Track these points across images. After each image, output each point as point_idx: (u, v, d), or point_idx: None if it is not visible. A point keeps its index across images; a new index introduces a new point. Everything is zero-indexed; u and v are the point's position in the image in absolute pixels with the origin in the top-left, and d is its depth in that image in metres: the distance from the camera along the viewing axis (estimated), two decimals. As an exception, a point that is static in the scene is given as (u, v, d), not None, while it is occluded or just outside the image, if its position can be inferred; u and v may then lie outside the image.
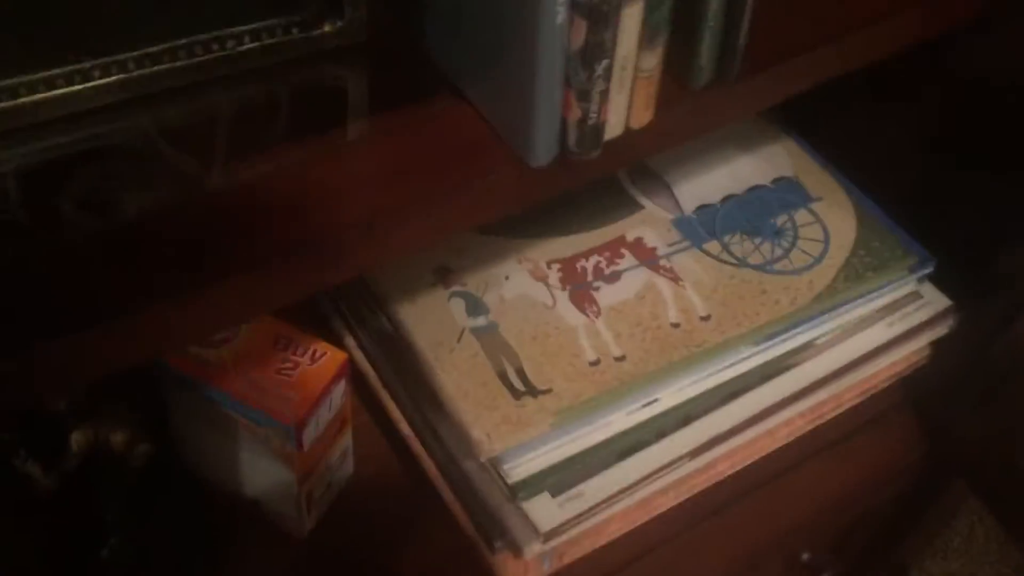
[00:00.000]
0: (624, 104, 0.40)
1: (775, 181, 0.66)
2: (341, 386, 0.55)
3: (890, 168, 0.67)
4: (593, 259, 0.61)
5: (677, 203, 0.65)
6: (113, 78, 0.38)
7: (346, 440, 0.60)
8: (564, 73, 0.37)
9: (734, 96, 0.45)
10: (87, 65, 0.38)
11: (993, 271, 0.64)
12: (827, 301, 0.60)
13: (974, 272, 0.65)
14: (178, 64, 0.39)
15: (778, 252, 0.62)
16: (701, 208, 0.64)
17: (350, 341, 0.62)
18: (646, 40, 0.38)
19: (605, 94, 0.38)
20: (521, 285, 0.59)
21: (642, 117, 0.41)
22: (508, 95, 0.38)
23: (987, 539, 1.07)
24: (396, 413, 0.60)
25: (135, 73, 0.39)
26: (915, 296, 0.65)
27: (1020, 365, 0.66)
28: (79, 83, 0.38)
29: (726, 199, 0.65)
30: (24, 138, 0.38)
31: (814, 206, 0.65)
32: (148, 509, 0.57)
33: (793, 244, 0.63)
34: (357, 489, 0.63)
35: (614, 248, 0.62)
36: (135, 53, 0.38)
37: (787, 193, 0.66)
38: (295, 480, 0.56)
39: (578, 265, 0.60)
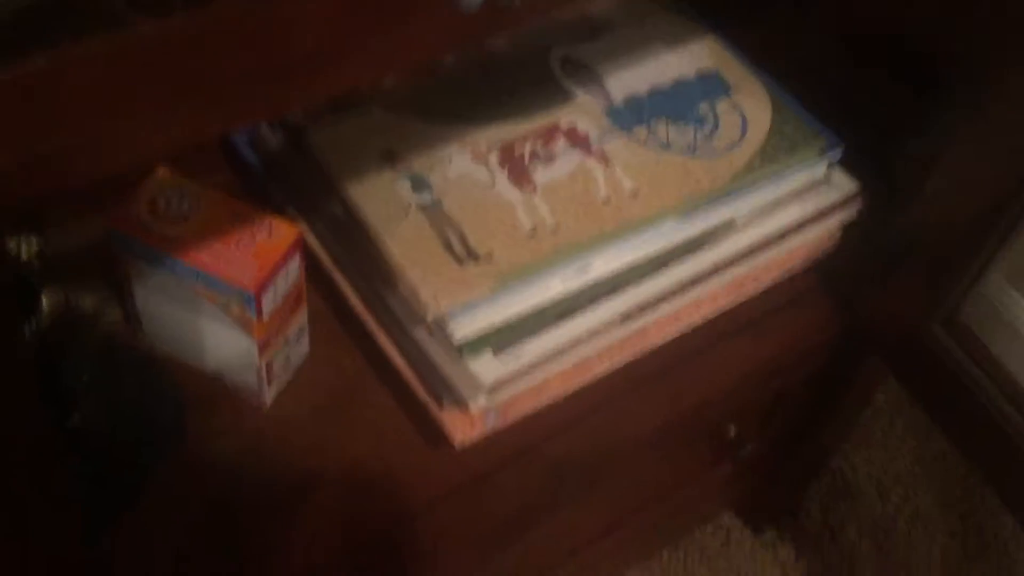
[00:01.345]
0: None
1: (697, 73, 0.71)
2: (296, 260, 0.59)
3: (802, 62, 0.72)
4: (529, 143, 0.66)
5: (607, 94, 0.69)
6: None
7: (302, 317, 0.64)
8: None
9: None
10: None
11: (895, 157, 0.70)
12: (744, 179, 0.66)
13: (880, 158, 0.71)
14: None
15: (700, 137, 0.68)
16: (629, 98, 0.69)
17: (303, 227, 0.66)
18: None
19: None
20: (463, 166, 0.64)
21: None
22: None
23: (905, 431, 1.15)
24: (347, 290, 0.65)
25: None
26: (825, 180, 0.71)
27: (916, 243, 0.72)
28: None
29: (652, 90, 0.70)
30: None
31: (733, 96, 0.70)
32: (116, 378, 0.60)
33: (714, 130, 0.68)
34: (313, 367, 0.68)
35: (549, 134, 0.66)
36: None
37: (708, 85, 0.71)
38: (256, 348, 0.59)
39: (516, 149, 0.65)
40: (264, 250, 0.57)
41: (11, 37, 0.30)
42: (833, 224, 0.72)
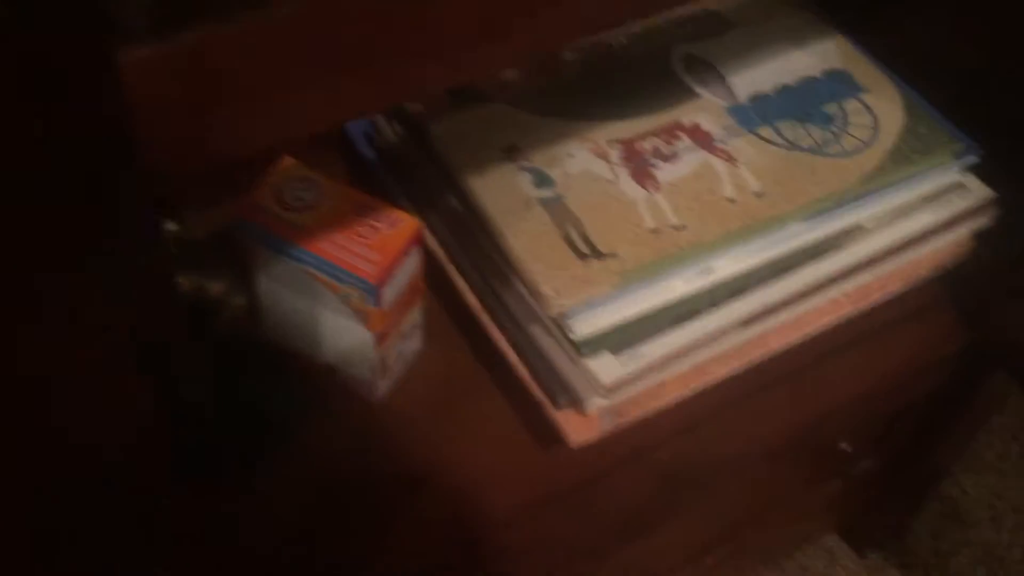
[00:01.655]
0: None
1: (825, 72, 0.69)
2: (416, 252, 0.59)
3: (937, 62, 0.70)
4: (651, 140, 0.64)
5: (731, 92, 0.68)
6: None
7: (417, 311, 0.64)
8: None
9: None
10: None
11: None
12: (874, 182, 0.63)
13: (1017, 164, 0.68)
14: None
15: (828, 137, 0.65)
16: (755, 97, 0.67)
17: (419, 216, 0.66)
18: None
19: None
20: (584, 162, 0.63)
21: None
22: None
23: (1020, 456, 1.10)
24: (462, 285, 0.64)
25: None
26: (959, 186, 0.68)
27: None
28: None
29: (778, 89, 0.68)
30: None
31: (863, 96, 0.68)
32: (238, 363, 0.61)
33: (843, 130, 0.66)
34: (426, 362, 0.67)
35: (671, 131, 0.65)
36: None
37: (837, 84, 0.68)
38: (372, 340, 0.59)
39: (637, 145, 0.64)
40: (385, 241, 0.57)
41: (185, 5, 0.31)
42: (965, 232, 0.69)
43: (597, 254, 0.58)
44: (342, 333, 0.60)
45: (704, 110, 0.66)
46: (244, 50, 0.32)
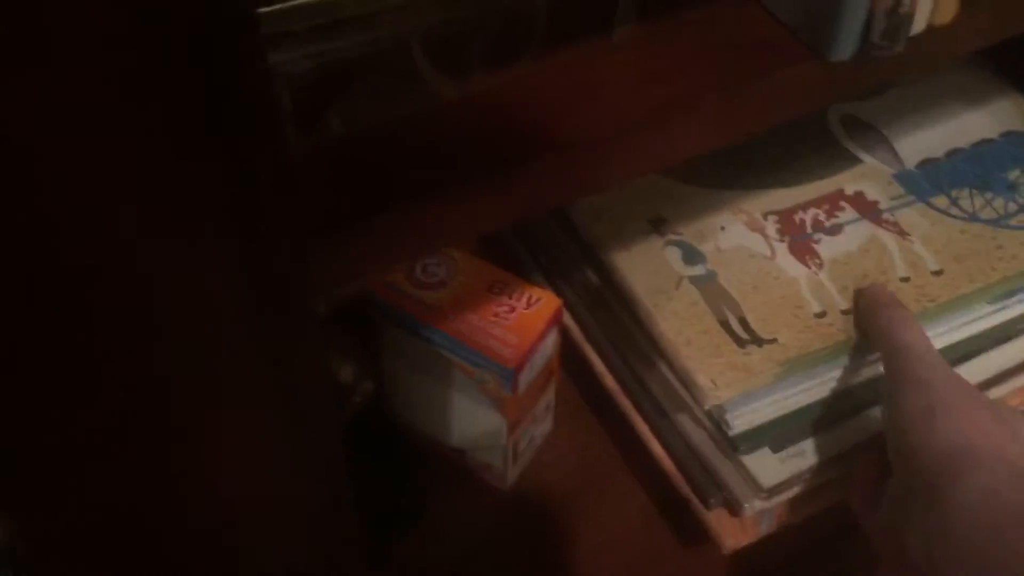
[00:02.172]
0: None
1: (1003, 135, 0.63)
2: (554, 332, 0.55)
3: None
4: (811, 211, 0.59)
5: (897, 157, 0.62)
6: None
7: (551, 392, 0.59)
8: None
9: None
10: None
11: None
12: (1070, 258, 0.56)
13: None
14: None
15: (1012, 207, 0.59)
16: (924, 162, 0.61)
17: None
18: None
19: None
20: (737, 236, 0.57)
21: (947, 12, 0.38)
22: None
23: None
24: (599, 365, 0.59)
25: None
26: None
27: None
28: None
29: (951, 153, 0.62)
30: (298, 42, 0.37)
31: (1049, 161, 0.61)
32: (364, 450, 0.57)
33: (1029, 199, 0.59)
34: (556, 445, 0.63)
35: (833, 201, 0.59)
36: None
37: (1018, 147, 0.62)
38: (505, 427, 0.55)
39: (796, 217, 0.58)
40: (524, 322, 0.53)
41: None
42: None
43: (757, 340, 0.53)
44: (474, 418, 0.56)
45: (868, 177, 0.60)
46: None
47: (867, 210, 0.59)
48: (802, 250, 0.57)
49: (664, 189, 0.60)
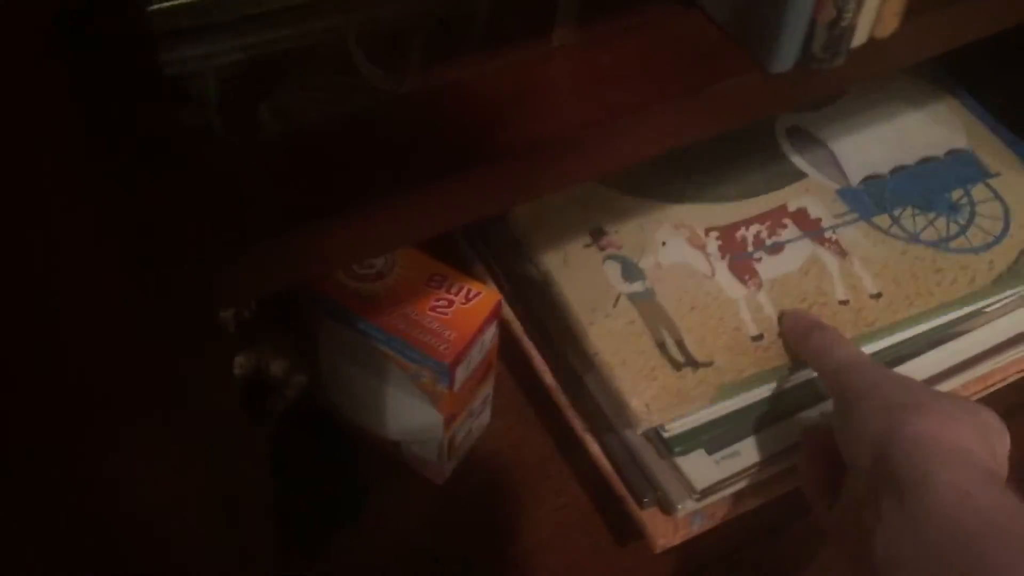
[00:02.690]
0: (875, 8, 0.37)
1: (948, 153, 0.63)
2: (493, 328, 0.54)
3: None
4: (753, 228, 0.58)
5: (843, 173, 0.61)
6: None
7: (489, 385, 0.59)
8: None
9: (984, 9, 0.41)
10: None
11: None
12: (1008, 283, 0.57)
13: None
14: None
15: (954, 229, 0.59)
16: (868, 179, 0.61)
17: (491, 287, 0.61)
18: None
19: None
20: (678, 252, 0.57)
21: (889, 25, 0.38)
22: None
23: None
24: (539, 363, 0.59)
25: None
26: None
27: None
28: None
29: (895, 170, 0.62)
30: (225, 34, 0.35)
31: (992, 181, 0.61)
32: (298, 443, 0.57)
33: (970, 221, 0.59)
34: (494, 438, 0.63)
35: (775, 218, 0.59)
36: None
37: (962, 166, 0.62)
38: (441, 422, 0.54)
39: (737, 234, 0.58)
40: (462, 317, 0.52)
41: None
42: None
43: (693, 363, 0.53)
44: (410, 412, 0.56)
45: (812, 193, 0.60)
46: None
47: (809, 228, 0.59)
48: (742, 269, 0.57)
49: (606, 199, 0.59)
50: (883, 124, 0.64)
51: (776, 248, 0.57)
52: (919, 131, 0.63)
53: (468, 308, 0.52)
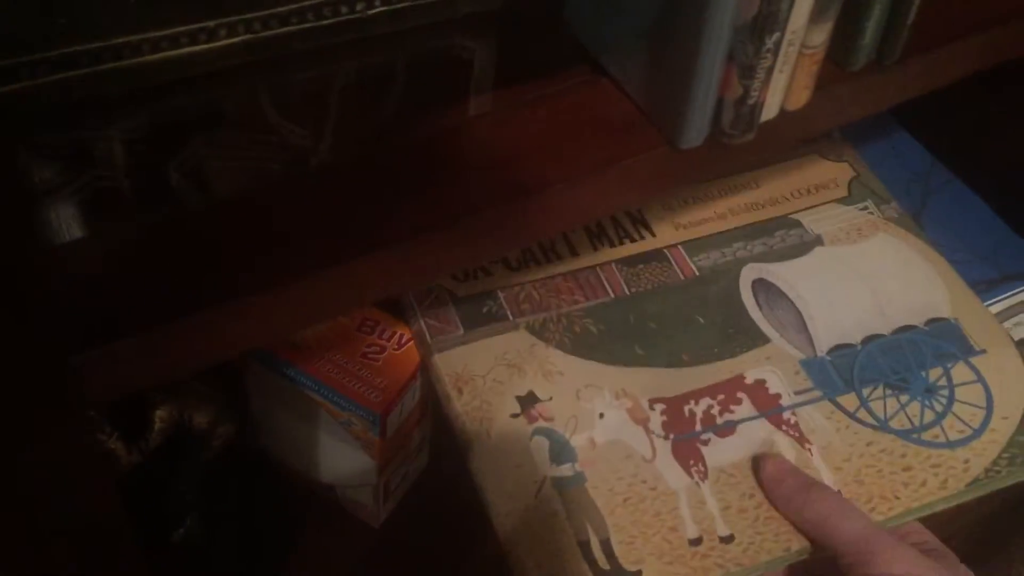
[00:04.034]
0: (784, 83, 0.38)
1: (930, 322, 0.56)
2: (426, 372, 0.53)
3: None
4: (704, 402, 0.52)
5: (809, 339, 0.55)
6: (238, 39, 0.37)
7: (425, 428, 0.59)
8: (729, 48, 0.35)
9: (892, 79, 0.42)
10: (212, 24, 0.36)
11: None
12: (984, 488, 0.50)
13: None
14: (305, 26, 0.38)
15: (928, 417, 0.52)
16: (837, 349, 0.54)
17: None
18: (817, 12, 0.36)
19: (770, 71, 0.36)
20: (617, 427, 0.50)
21: (799, 98, 0.39)
22: (661, 71, 0.37)
23: None
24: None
25: (261, 35, 0.37)
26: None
27: None
28: (204, 43, 0.36)
29: (869, 339, 0.55)
30: (137, 101, 0.36)
31: (975, 360, 0.54)
32: (225, 491, 0.57)
33: (947, 408, 0.52)
34: (432, 480, 0.62)
35: (730, 391, 0.52)
36: (262, 13, 0.37)
37: (944, 340, 0.55)
38: (375, 468, 0.55)
39: (686, 408, 0.51)
40: (393, 364, 0.52)
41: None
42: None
43: (618, 571, 0.46)
44: (343, 458, 0.55)
45: (773, 362, 0.54)
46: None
47: (767, 406, 0.52)
48: (687, 452, 0.50)
49: (542, 358, 0.52)
50: (859, 283, 0.57)
51: (727, 429, 0.51)
52: (899, 294, 0.57)
53: (399, 355, 0.52)
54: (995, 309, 0.62)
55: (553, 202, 0.36)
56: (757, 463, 0.49)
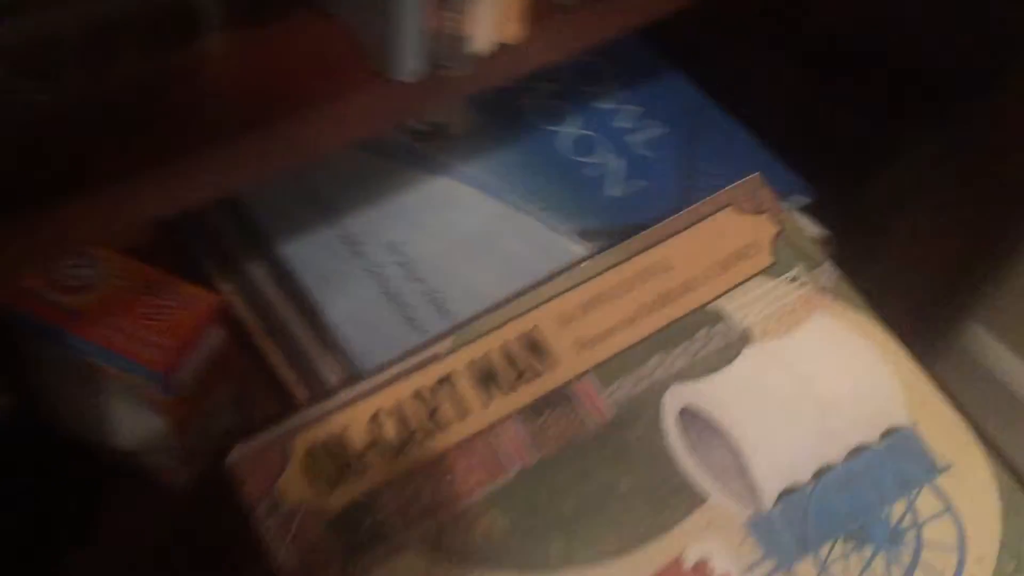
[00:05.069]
0: (490, 15, 0.38)
1: (886, 435, 0.48)
2: (217, 330, 0.52)
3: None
4: (643, 608, 0.44)
5: (752, 486, 0.47)
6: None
7: (228, 388, 0.56)
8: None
9: (608, 12, 0.42)
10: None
11: None
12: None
13: None
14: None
15: (896, 573, 0.45)
16: (786, 495, 0.46)
17: (230, 289, 0.57)
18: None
19: (473, 2, 0.36)
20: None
21: (510, 30, 0.39)
22: (370, 5, 0.36)
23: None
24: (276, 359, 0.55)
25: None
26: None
27: None
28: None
29: (820, 473, 0.47)
30: None
31: (941, 481, 0.47)
32: (10, 465, 0.54)
33: (916, 557, 0.46)
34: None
35: (669, 580, 0.44)
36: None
37: (903, 458, 0.48)
38: (170, 429, 0.53)
39: (622, 619, 0.43)
40: (176, 323, 0.50)
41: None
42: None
43: None
44: (136, 421, 0.53)
45: (715, 528, 0.45)
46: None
47: (714, 595, 0.44)
48: None
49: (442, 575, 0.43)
50: (800, 393, 0.49)
51: (672, 641, 0.43)
52: (847, 401, 0.49)
53: (184, 312, 0.51)
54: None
55: (275, 144, 0.36)
56: None
